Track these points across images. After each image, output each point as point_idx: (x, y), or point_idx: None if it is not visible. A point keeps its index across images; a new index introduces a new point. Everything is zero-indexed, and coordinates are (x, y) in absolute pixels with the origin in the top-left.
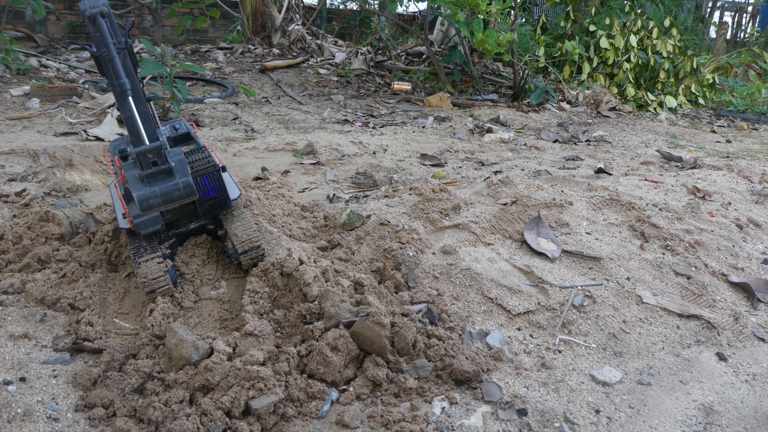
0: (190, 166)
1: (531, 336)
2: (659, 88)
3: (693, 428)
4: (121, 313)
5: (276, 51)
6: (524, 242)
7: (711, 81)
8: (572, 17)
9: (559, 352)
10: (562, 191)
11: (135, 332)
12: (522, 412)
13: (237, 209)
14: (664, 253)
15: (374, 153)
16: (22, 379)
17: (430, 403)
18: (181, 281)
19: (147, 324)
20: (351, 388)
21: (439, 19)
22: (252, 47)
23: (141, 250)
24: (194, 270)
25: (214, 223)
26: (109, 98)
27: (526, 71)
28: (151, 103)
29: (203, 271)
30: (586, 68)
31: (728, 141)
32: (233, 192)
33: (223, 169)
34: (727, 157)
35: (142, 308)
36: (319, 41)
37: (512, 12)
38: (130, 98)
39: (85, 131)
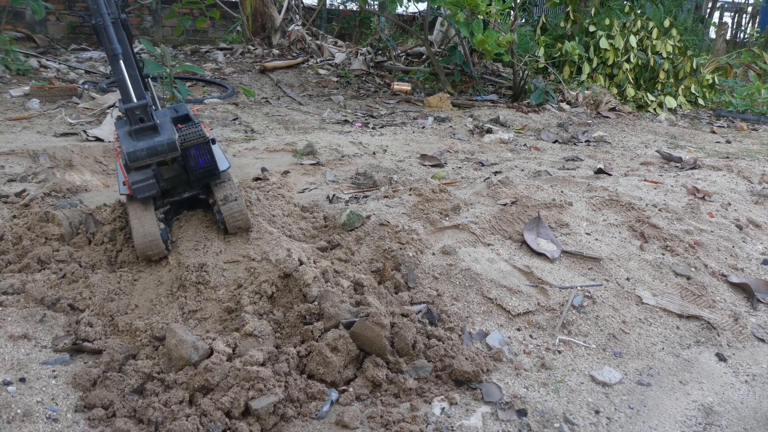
0: (182, 137)
1: (531, 336)
2: (659, 88)
3: (693, 429)
4: (119, 314)
5: (276, 51)
6: (524, 243)
7: (711, 81)
8: (572, 18)
9: (559, 352)
10: (562, 192)
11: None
12: (522, 413)
13: (227, 182)
14: (663, 254)
15: (374, 153)
16: (22, 380)
17: (430, 403)
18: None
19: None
20: (351, 389)
21: (439, 19)
22: (252, 48)
23: (137, 212)
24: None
25: (205, 193)
26: (109, 99)
27: (526, 72)
28: (149, 80)
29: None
30: (586, 69)
31: (728, 141)
32: (223, 163)
33: (213, 141)
34: (727, 157)
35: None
36: (318, 42)
37: (512, 12)
38: (121, 62)
39: (84, 132)
